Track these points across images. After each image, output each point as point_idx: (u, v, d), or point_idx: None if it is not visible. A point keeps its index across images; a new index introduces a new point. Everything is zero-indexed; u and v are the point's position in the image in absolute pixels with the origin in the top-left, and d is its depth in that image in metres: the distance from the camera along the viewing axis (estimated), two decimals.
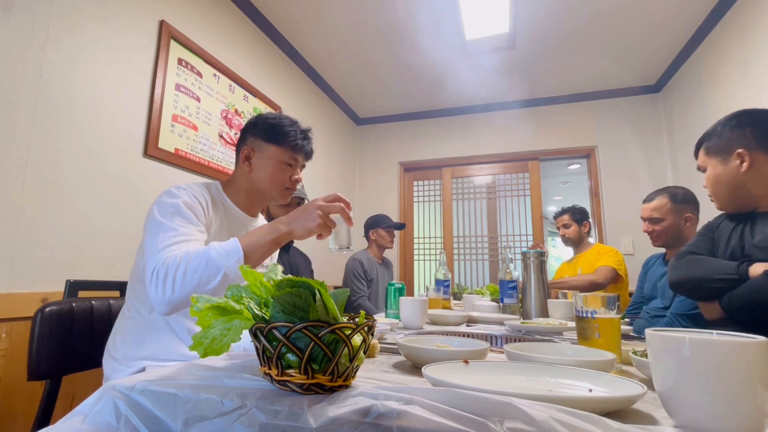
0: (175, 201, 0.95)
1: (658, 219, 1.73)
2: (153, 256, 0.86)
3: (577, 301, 0.75)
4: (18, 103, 1.25)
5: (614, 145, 3.34)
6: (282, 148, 1.10)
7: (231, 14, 2.27)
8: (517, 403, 0.36)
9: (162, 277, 0.82)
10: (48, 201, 1.32)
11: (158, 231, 0.90)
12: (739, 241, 1.08)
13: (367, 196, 3.98)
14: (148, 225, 0.94)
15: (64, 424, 0.47)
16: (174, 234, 0.89)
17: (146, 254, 0.89)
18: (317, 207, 0.92)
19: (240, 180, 1.13)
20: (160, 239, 0.88)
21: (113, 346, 0.98)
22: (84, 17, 1.45)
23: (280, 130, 1.10)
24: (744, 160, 1.06)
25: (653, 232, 1.76)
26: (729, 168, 1.09)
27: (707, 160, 1.15)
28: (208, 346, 0.44)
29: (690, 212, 1.70)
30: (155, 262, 0.84)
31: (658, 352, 0.41)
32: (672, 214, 1.71)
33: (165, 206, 0.95)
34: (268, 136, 1.10)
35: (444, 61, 2.97)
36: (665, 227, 1.72)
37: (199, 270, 0.82)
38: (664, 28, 2.57)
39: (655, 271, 1.82)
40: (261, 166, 1.10)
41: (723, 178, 1.10)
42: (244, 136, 1.14)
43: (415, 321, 1.18)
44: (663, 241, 1.75)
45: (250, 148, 1.11)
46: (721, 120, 1.14)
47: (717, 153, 1.12)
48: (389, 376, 0.61)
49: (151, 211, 0.95)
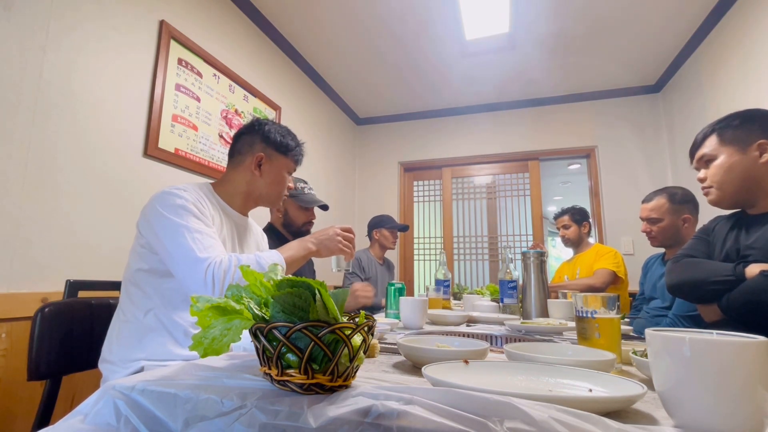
0: (182, 202, 0.97)
1: (656, 219, 1.73)
2: (194, 256, 0.90)
3: (577, 301, 0.75)
4: (18, 103, 1.25)
5: (614, 145, 3.34)
6: (287, 159, 1.18)
7: (231, 14, 2.27)
8: (517, 403, 0.36)
9: (220, 278, 0.88)
10: (48, 201, 1.32)
11: (183, 232, 0.92)
12: (734, 243, 1.08)
13: (367, 196, 3.98)
14: (160, 226, 0.94)
15: (64, 424, 0.47)
16: (202, 236, 0.94)
17: (179, 255, 0.91)
18: (337, 234, 1.12)
19: (238, 182, 1.14)
20: (191, 239, 0.92)
21: (109, 350, 0.98)
22: (84, 17, 1.45)
23: (289, 141, 1.18)
24: (766, 151, 1.04)
25: (651, 232, 1.76)
26: (748, 157, 1.06)
27: (721, 148, 1.11)
28: (208, 346, 0.44)
29: (688, 213, 1.69)
30: (206, 263, 0.89)
31: (658, 352, 0.41)
32: (670, 215, 1.70)
33: (174, 207, 0.95)
34: (280, 147, 1.16)
35: (444, 61, 2.97)
36: (663, 228, 1.72)
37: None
38: (664, 28, 2.57)
39: (655, 272, 1.82)
40: (269, 172, 1.15)
41: (738, 167, 1.07)
42: (252, 140, 1.15)
43: (415, 321, 1.18)
44: (660, 242, 1.75)
45: (264, 155, 1.14)
46: (732, 114, 1.11)
47: (734, 142, 1.08)
48: (389, 376, 0.61)
49: (157, 211, 0.95)
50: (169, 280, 0.98)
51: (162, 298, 0.98)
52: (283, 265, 0.97)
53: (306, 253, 1.07)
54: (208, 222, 1.00)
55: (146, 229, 0.98)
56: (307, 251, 1.07)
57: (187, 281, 0.91)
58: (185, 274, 0.91)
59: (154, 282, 0.98)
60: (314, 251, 1.08)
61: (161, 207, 0.96)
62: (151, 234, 0.96)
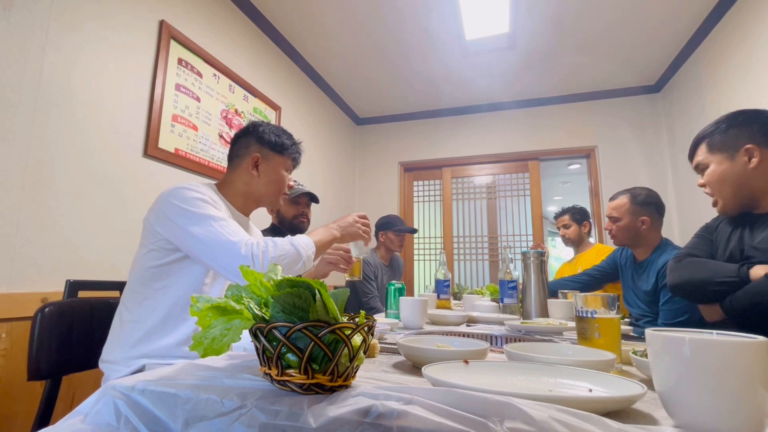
0: (199, 195, 0.99)
1: (616, 218, 1.72)
2: (227, 239, 0.93)
3: (577, 301, 0.75)
4: (18, 103, 1.25)
5: (614, 145, 3.34)
6: (284, 158, 1.20)
7: (231, 14, 2.27)
8: (517, 403, 0.36)
9: (259, 255, 0.93)
10: (48, 201, 1.32)
11: (209, 221, 0.95)
12: (738, 243, 1.07)
13: (367, 196, 3.98)
14: (184, 218, 0.95)
15: (64, 424, 0.47)
16: (227, 223, 0.97)
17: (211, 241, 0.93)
18: (356, 221, 1.20)
19: (238, 183, 1.17)
20: (218, 227, 0.95)
21: (110, 350, 0.98)
22: (84, 17, 1.45)
23: (284, 141, 1.20)
24: (753, 156, 1.02)
25: (611, 230, 1.75)
26: (736, 164, 1.05)
27: (710, 156, 1.10)
28: (208, 346, 0.44)
29: (647, 215, 1.66)
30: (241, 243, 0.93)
31: (659, 352, 0.41)
32: (629, 215, 1.68)
33: (193, 200, 0.97)
34: (274, 146, 1.18)
35: (444, 61, 2.97)
36: (620, 227, 1.70)
37: (289, 254, 0.98)
38: (664, 28, 2.57)
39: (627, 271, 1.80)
40: (267, 172, 1.18)
41: (729, 174, 1.06)
42: (247, 142, 1.18)
43: (415, 321, 1.18)
44: (620, 240, 1.74)
45: (260, 156, 1.16)
46: (720, 118, 1.10)
47: (722, 149, 1.08)
48: (389, 376, 0.61)
49: (175, 206, 0.96)
50: (182, 277, 0.99)
51: (172, 295, 0.99)
52: (313, 248, 1.06)
53: (331, 238, 1.14)
54: (225, 215, 1.02)
55: (162, 224, 0.98)
56: (332, 236, 1.14)
57: (224, 263, 0.93)
58: (221, 257, 0.93)
59: (166, 280, 0.99)
60: (338, 237, 1.16)
61: (179, 201, 0.97)
62: (170, 228, 0.97)
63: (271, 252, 0.95)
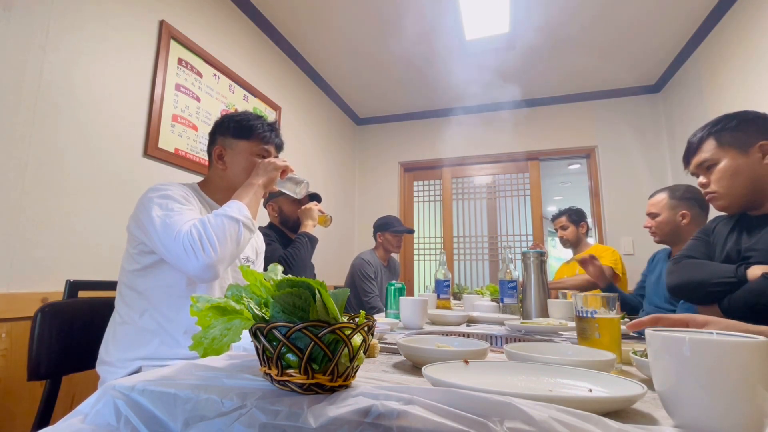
0: (165, 193, 0.98)
1: (655, 214, 1.72)
2: (171, 234, 0.90)
3: (577, 301, 0.75)
4: (18, 103, 1.25)
5: (614, 145, 3.34)
6: (251, 142, 1.15)
7: (231, 14, 2.27)
8: (517, 403, 0.36)
9: (198, 245, 0.88)
10: (48, 201, 1.32)
11: (163, 218, 0.93)
12: (735, 244, 1.07)
13: (367, 196, 3.98)
14: (147, 218, 0.94)
15: (64, 424, 0.47)
16: (178, 214, 0.94)
17: (162, 239, 0.91)
18: (269, 162, 1.12)
19: (216, 179, 1.16)
20: (169, 222, 0.92)
21: (106, 352, 0.98)
22: (84, 17, 1.45)
23: (247, 124, 1.15)
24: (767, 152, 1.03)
25: (651, 227, 1.75)
26: (751, 160, 1.04)
27: (721, 151, 1.08)
28: (208, 346, 0.44)
29: (687, 209, 1.65)
30: (181, 239, 0.88)
31: (658, 352, 0.41)
32: (667, 210, 1.68)
33: (157, 202, 0.96)
34: (236, 133, 1.15)
35: (444, 61, 2.97)
36: (659, 222, 1.70)
37: (224, 227, 0.93)
38: (665, 28, 2.57)
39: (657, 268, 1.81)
40: (234, 162, 1.14)
41: (745, 169, 1.05)
42: (213, 138, 1.18)
43: (415, 321, 1.18)
44: (660, 237, 1.74)
45: (221, 147, 1.15)
46: (726, 116, 1.09)
47: (734, 144, 1.06)
48: (389, 376, 0.61)
49: (144, 207, 0.96)
50: (161, 279, 0.99)
51: (156, 298, 0.98)
52: (245, 209, 0.99)
53: (256, 189, 1.07)
54: (192, 205, 1.02)
55: (134, 226, 0.99)
56: (255, 187, 1.07)
57: (167, 247, 0.91)
58: (166, 243, 0.91)
59: (147, 282, 0.99)
60: (260, 183, 1.08)
61: (146, 200, 0.97)
62: (139, 227, 0.97)
63: (211, 239, 0.90)
